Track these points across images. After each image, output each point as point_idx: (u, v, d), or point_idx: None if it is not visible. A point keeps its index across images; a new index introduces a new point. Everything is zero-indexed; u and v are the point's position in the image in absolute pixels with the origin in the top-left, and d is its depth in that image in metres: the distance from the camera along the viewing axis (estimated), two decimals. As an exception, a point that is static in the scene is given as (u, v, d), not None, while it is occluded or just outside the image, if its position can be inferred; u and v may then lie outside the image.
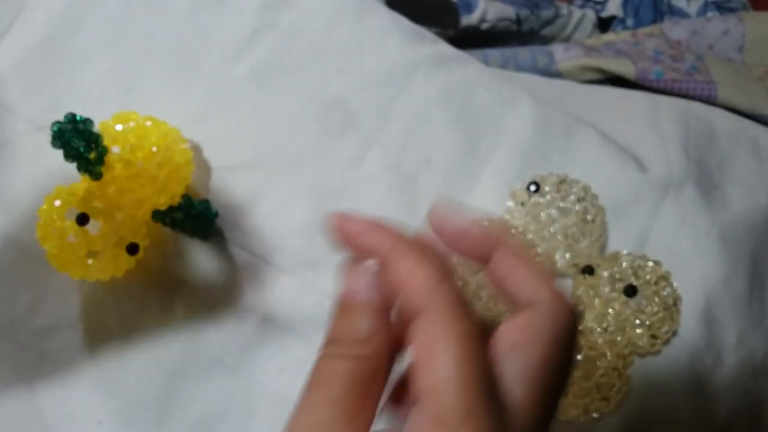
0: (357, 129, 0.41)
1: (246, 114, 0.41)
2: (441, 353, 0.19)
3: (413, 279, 0.21)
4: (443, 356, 0.19)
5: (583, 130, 0.42)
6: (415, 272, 0.21)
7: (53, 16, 0.42)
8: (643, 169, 0.41)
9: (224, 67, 0.42)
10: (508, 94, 0.43)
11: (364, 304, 0.22)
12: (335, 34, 0.43)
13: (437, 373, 0.19)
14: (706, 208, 0.40)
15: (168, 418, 0.34)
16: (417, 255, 0.22)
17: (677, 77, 0.49)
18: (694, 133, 0.44)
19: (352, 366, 0.21)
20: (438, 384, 0.19)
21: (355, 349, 0.21)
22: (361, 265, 0.23)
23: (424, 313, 0.20)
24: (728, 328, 0.37)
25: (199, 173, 0.39)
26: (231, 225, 0.38)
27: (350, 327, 0.22)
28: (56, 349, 0.35)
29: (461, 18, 0.56)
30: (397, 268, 0.22)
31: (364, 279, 0.22)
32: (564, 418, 0.35)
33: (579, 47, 0.54)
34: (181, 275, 0.37)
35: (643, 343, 0.36)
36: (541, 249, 0.37)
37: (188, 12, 0.43)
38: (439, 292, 0.21)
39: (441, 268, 0.22)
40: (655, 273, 0.37)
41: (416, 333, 0.20)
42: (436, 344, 0.19)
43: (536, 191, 0.38)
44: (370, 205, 0.40)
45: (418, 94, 0.42)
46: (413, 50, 0.44)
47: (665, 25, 0.57)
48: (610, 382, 0.35)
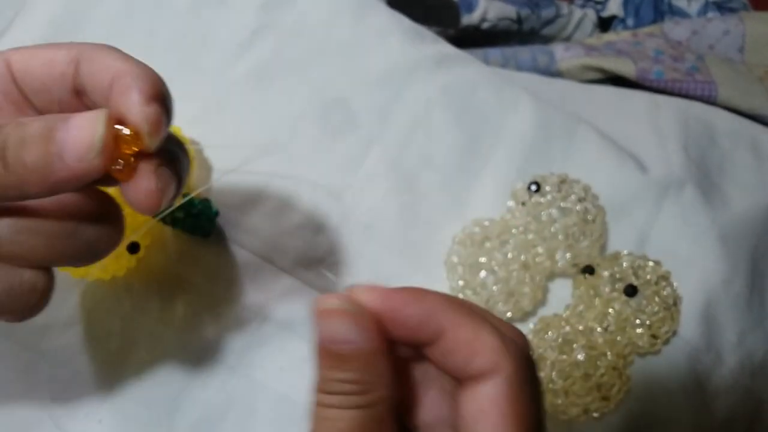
0: (357, 129, 0.41)
1: (247, 113, 0.41)
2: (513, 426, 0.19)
3: (478, 344, 0.20)
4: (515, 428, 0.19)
5: (584, 130, 0.42)
6: (481, 337, 0.20)
7: (53, 15, 0.42)
8: (643, 169, 0.41)
9: (225, 67, 0.42)
10: (508, 94, 0.43)
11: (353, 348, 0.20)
12: (335, 33, 0.43)
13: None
14: (706, 208, 0.40)
15: (168, 417, 0.34)
16: (474, 316, 0.21)
17: (678, 77, 0.49)
18: (694, 133, 0.44)
19: (361, 416, 0.20)
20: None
21: (360, 397, 0.20)
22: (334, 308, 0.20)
23: (492, 379, 0.20)
24: (728, 328, 0.37)
25: (200, 173, 0.39)
26: (231, 224, 0.38)
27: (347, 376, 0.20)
28: (56, 347, 0.35)
29: (462, 17, 0.56)
30: (459, 329, 0.20)
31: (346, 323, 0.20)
32: (564, 417, 0.35)
33: (579, 47, 0.54)
34: (182, 274, 0.37)
35: (644, 342, 0.36)
36: (542, 249, 0.37)
37: (189, 11, 0.43)
38: (508, 357, 0.20)
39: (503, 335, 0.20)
40: (656, 273, 0.37)
41: (478, 394, 0.20)
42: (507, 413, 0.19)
43: (537, 191, 0.38)
44: (370, 204, 0.40)
45: (419, 93, 0.42)
46: (414, 50, 0.44)
47: (666, 25, 0.57)
48: (611, 382, 0.35)
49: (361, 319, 0.20)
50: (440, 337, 0.20)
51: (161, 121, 0.20)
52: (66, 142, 0.19)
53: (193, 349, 0.36)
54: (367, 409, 0.20)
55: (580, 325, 0.36)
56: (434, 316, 0.20)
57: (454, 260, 0.38)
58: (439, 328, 0.20)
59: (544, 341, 0.36)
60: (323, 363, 0.20)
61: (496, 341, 0.20)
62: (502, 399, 0.19)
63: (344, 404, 0.20)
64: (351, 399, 0.20)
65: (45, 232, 0.21)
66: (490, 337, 0.20)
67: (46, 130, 0.19)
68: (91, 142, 0.19)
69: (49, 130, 0.19)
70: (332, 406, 0.20)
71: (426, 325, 0.20)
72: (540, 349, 0.36)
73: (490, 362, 0.20)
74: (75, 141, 0.19)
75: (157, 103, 0.21)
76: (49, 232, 0.21)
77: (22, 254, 0.21)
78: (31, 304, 0.23)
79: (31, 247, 0.21)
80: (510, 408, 0.19)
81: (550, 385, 0.35)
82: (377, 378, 0.20)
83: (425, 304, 0.20)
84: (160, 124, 0.20)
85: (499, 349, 0.20)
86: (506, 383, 0.20)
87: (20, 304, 0.22)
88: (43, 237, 0.21)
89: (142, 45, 0.42)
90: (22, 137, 0.19)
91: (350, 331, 0.20)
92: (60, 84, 0.22)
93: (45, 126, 0.20)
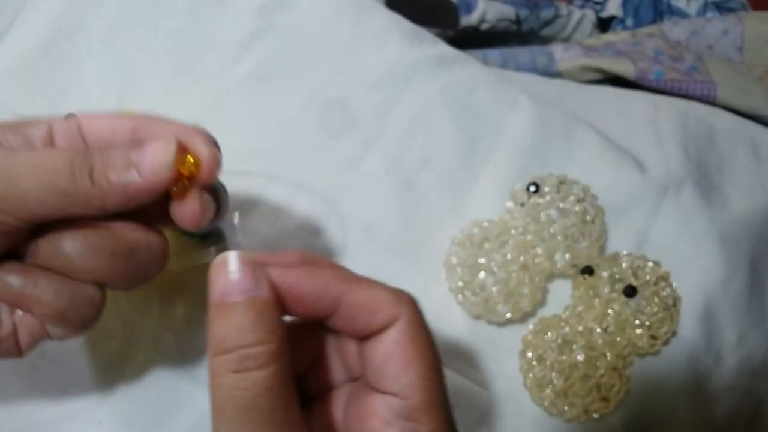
0: (357, 129, 0.41)
1: (246, 114, 0.41)
2: (416, 359, 0.22)
3: (375, 302, 0.22)
4: (418, 361, 0.22)
5: (583, 131, 0.42)
6: (375, 296, 0.23)
7: (53, 16, 0.42)
8: (642, 170, 0.41)
9: (224, 68, 0.42)
10: (507, 95, 0.43)
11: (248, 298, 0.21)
12: (335, 34, 0.43)
13: (412, 372, 0.22)
14: (706, 208, 0.40)
15: (168, 417, 0.34)
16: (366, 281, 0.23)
17: (677, 77, 0.49)
18: (693, 134, 0.44)
19: (262, 377, 0.20)
20: (411, 383, 0.22)
21: (258, 352, 0.20)
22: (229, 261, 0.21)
23: (393, 326, 0.22)
24: (727, 329, 0.38)
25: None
26: (231, 225, 0.38)
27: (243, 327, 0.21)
28: (56, 349, 0.35)
29: (461, 18, 0.56)
30: (355, 294, 0.22)
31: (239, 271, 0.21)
32: (564, 418, 0.35)
33: (579, 47, 0.54)
34: (181, 275, 0.37)
35: (643, 343, 0.36)
36: (541, 249, 0.37)
37: (188, 13, 0.43)
38: (403, 305, 0.23)
39: (394, 289, 0.23)
40: (655, 273, 0.37)
41: (387, 341, 0.22)
42: (409, 351, 0.22)
43: (536, 192, 0.38)
44: (370, 205, 0.40)
45: (418, 94, 0.43)
46: (413, 50, 0.44)
47: (665, 25, 0.57)
48: (610, 383, 0.35)
49: (252, 269, 0.21)
50: (338, 306, 0.22)
51: (220, 160, 0.25)
52: (143, 159, 0.23)
53: (192, 350, 0.36)
54: (266, 369, 0.20)
55: (579, 325, 0.36)
56: (329, 289, 0.22)
57: (453, 261, 0.38)
58: (335, 298, 0.22)
59: (543, 342, 0.36)
60: (215, 321, 0.21)
61: (390, 295, 0.23)
62: (404, 339, 0.22)
63: (240, 366, 0.20)
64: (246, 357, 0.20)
65: (109, 252, 0.25)
66: (384, 292, 0.23)
67: (126, 152, 0.24)
68: (165, 159, 0.23)
69: (128, 152, 0.24)
70: (228, 372, 0.20)
71: (323, 299, 0.22)
72: (539, 349, 0.36)
73: (390, 314, 0.22)
74: (151, 158, 0.23)
75: (216, 147, 0.26)
76: (112, 252, 0.25)
77: (89, 270, 0.25)
78: (88, 317, 0.25)
79: (96, 264, 0.25)
80: (412, 345, 0.22)
81: (550, 386, 0.35)
82: (272, 328, 0.21)
83: (319, 279, 0.22)
84: (219, 162, 0.25)
85: (394, 300, 0.23)
86: (406, 326, 0.22)
87: (80, 315, 0.25)
88: (108, 256, 0.25)
89: (141, 47, 0.42)
90: (105, 159, 0.23)
91: (242, 280, 0.21)
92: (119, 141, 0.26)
93: (125, 150, 0.24)
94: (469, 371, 0.37)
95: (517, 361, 0.36)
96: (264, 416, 0.20)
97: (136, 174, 0.23)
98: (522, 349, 0.36)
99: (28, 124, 0.26)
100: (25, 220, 0.23)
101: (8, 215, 0.23)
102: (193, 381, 0.35)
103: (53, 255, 0.24)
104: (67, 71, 0.41)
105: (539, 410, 0.36)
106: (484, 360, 0.37)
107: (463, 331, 0.37)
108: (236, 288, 0.21)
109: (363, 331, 0.23)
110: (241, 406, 0.20)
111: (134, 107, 0.38)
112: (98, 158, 0.24)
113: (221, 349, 0.21)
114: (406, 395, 0.22)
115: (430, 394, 0.22)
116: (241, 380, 0.20)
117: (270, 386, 0.20)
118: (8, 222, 0.23)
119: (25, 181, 0.23)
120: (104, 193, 0.23)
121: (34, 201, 0.23)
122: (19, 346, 0.26)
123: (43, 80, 0.40)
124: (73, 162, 0.23)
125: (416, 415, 0.22)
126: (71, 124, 0.26)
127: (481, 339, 0.37)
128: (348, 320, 0.23)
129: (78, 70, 0.41)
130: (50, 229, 0.25)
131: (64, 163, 0.23)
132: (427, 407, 0.22)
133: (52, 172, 0.23)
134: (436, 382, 0.22)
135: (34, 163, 0.23)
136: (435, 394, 0.22)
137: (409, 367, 0.22)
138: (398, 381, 0.22)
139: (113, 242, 0.25)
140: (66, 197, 0.23)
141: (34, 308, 0.25)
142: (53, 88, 0.40)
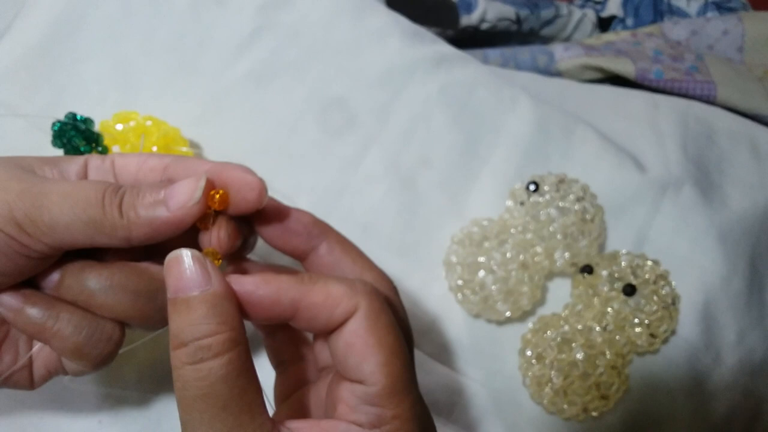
0: (357, 129, 0.41)
1: (246, 114, 0.41)
2: (376, 346, 0.23)
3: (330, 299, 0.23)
4: (378, 349, 0.23)
5: (582, 130, 0.42)
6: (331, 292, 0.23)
7: (53, 15, 0.42)
8: (641, 169, 0.41)
9: (224, 67, 0.42)
10: (507, 94, 0.43)
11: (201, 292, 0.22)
12: (335, 34, 0.44)
13: (375, 360, 0.23)
14: (705, 208, 0.40)
15: (168, 418, 0.34)
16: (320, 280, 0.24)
17: (677, 77, 0.49)
18: (693, 133, 0.44)
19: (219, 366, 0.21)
20: (374, 370, 0.23)
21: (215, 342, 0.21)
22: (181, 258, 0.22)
23: (353, 317, 0.23)
24: (727, 327, 0.37)
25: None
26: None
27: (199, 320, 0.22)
28: (56, 348, 0.35)
29: (461, 18, 0.56)
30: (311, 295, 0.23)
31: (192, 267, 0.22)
32: (563, 416, 0.35)
33: (579, 47, 0.54)
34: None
35: (642, 342, 0.36)
36: (541, 248, 0.37)
37: (188, 12, 0.43)
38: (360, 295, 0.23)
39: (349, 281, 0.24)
40: (654, 272, 0.37)
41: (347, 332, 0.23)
42: (369, 339, 0.23)
43: (535, 191, 0.39)
44: (369, 204, 0.40)
45: (418, 93, 0.43)
46: (413, 50, 0.44)
47: (665, 25, 0.57)
48: (609, 381, 0.35)
49: (201, 264, 0.22)
50: (297, 309, 0.23)
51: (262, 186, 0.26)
52: (172, 195, 0.24)
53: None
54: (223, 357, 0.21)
55: (578, 324, 0.36)
56: (284, 293, 0.23)
57: (453, 260, 0.38)
58: (291, 302, 0.23)
59: (543, 340, 0.36)
60: (172, 318, 0.22)
61: (344, 288, 0.23)
62: (362, 330, 0.23)
63: (198, 357, 0.21)
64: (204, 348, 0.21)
65: (132, 290, 0.25)
66: (339, 287, 0.23)
67: (156, 188, 0.24)
68: (193, 194, 0.24)
69: (159, 188, 0.24)
70: (187, 363, 0.21)
71: (279, 303, 0.23)
72: (539, 348, 0.36)
73: (347, 307, 0.23)
74: (180, 192, 0.24)
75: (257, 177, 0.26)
76: (135, 291, 0.25)
77: (110, 306, 0.25)
78: (105, 353, 0.26)
79: (119, 302, 0.25)
80: (371, 334, 0.23)
81: (549, 384, 0.35)
82: (227, 318, 0.22)
83: (273, 285, 0.23)
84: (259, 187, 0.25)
85: (350, 293, 0.23)
86: (362, 317, 0.23)
87: (98, 350, 0.25)
88: (131, 294, 0.25)
89: (140, 46, 0.42)
90: (136, 192, 0.24)
91: (192, 276, 0.22)
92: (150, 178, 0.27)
93: (156, 186, 0.25)
94: (469, 369, 0.37)
95: (516, 359, 0.36)
96: (220, 403, 0.21)
97: (164, 209, 0.24)
98: (521, 348, 0.36)
99: (65, 159, 0.27)
100: (51, 246, 0.24)
101: (36, 241, 0.23)
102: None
103: (77, 289, 0.25)
104: (67, 70, 0.41)
105: (538, 408, 0.36)
106: (483, 358, 0.37)
107: (462, 330, 0.37)
108: (188, 284, 0.22)
109: (325, 328, 0.24)
110: (198, 395, 0.21)
111: (134, 107, 0.39)
112: (129, 192, 0.24)
113: (178, 343, 0.22)
114: (370, 382, 0.23)
115: (393, 379, 0.23)
116: (197, 371, 0.21)
117: (225, 374, 0.21)
118: (35, 247, 0.23)
119: (56, 207, 0.23)
120: (131, 224, 0.24)
121: (63, 227, 0.23)
122: (32, 378, 0.27)
123: (43, 79, 0.40)
124: (105, 193, 0.24)
125: (380, 401, 0.23)
126: (106, 162, 0.27)
127: (480, 337, 0.37)
128: (309, 321, 0.24)
129: (78, 69, 0.41)
130: (75, 263, 0.25)
131: (96, 192, 0.24)
132: (391, 393, 0.23)
133: (84, 201, 0.23)
134: (399, 367, 0.23)
135: (66, 191, 0.23)
136: (398, 379, 0.23)
137: (370, 355, 0.23)
138: (361, 369, 0.23)
139: (137, 281, 0.25)
140: (94, 226, 0.23)
141: (54, 341, 0.25)
142: (53, 86, 0.40)
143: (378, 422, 0.23)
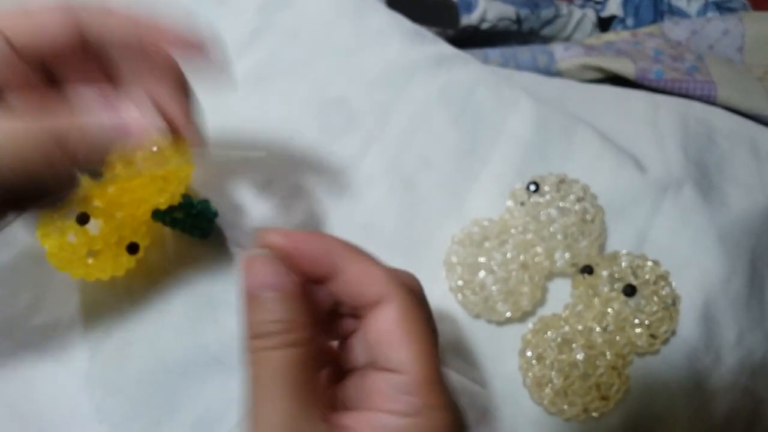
0: (357, 129, 0.41)
1: (246, 114, 0.41)
2: (414, 335, 0.24)
3: (369, 276, 0.24)
4: (417, 337, 0.24)
5: (583, 130, 0.42)
6: (370, 270, 0.25)
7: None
8: (642, 169, 0.41)
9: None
10: (507, 94, 0.43)
11: (275, 292, 0.24)
12: (335, 34, 0.44)
13: (410, 349, 0.23)
14: (705, 208, 0.40)
15: (168, 418, 0.34)
16: (365, 256, 0.25)
17: (677, 77, 0.49)
18: (693, 133, 0.44)
19: (292, 353, 0.23)
20: (410, 360, 0.23)
21: (287, 336, 0.23)
22: (255, 256, 0.24)
23: (385, 302, 0.24)
24: (727, 328, 0.37)
25: (200, 173, 0.39)
26: (231, 225, 0.38)
27: (273, 317, 0.24)
28: (56, 348, 0.35)
29: (461, 17, 0.56)
30: (353, 264, 0.25)
31: (267, 268, 0.24)
32: (564, 417, 0.35)
33: (579, 47, 0.54)
34: (181, 275, 0.37)
35: (642, 342, 0.36)
36: (541, 248, 0.37)
37: (187, 11, 0.43)
38: (396, 284, 0.24)
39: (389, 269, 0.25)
40: (654, 273, 0.37)
41: (378, 319, 0.24)
42: (408, 328, 0.24)
43: (536, 191, 0.39)
44: (369, 205, 0.40)
45: (418, 93, 0.43)
46: (413, 50, 0.44)
47: (665, 25, 0.57)
48: (610, 382, 0.35)
49: (278, 265, 0.24)
50: (337, 273, 0.25)
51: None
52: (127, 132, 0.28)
53: (192, 349, 0.36)
54: (294, 348, 0.23)
55: (579, 324, 0.36)
56: (330, 254, 0.25)
57: (453, 260, 0.38)
58: (334, 264, 0.25)
59: (543, 341, 0.36)
60: (250, 310, 0.24)
61: (383, 273, 0.25)
62: (400, 318, 0.24)
63: (274, 344, 0.23)
64: (278, 338, 0.23)
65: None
66: (378, 270, 0.25)
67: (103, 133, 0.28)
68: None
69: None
70: (264, 348, 0.23)
71: (324, 261, 0.25)
72: (539, 348, 0.36)
73: (380, 291, 0.24)
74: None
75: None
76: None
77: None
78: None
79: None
80: (409, 323, 0.24)
81: (550, 385, 0.35)
82: (297, 316, 0.24)
83: (322, 244, 0.25)
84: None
85: (386, 279, 0.24)
86: (401, 306, 0.24)
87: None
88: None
89: (141, 46, 0.42)
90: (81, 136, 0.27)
91: (270, 275, 0.24)
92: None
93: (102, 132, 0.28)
94: (469, 370, 0.37)
95: (516, 360, 0.36)
96: (293, 382, 0.23)
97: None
98: (521, 348, 0.36)
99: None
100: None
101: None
102: (192, 380, 0.35)
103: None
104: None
105: (539, 409, 0.36)
106: (483, 359, 0.37)
107: (462, 330, 0.37)
108: (265, 283, 0.24)
109: (356, 301, 0.25)
110: (273, 375, 0.23)
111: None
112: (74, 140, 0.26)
113: (255, 333, 0.24)
114: (408, 371, 0.23)
115: (429, 369, 0.23)
116: (273, 356, 0.23)
117: (294, 360, 0.23)
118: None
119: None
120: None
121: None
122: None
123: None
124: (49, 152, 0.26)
125: (417, 389, 0.23)
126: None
127: (480, 338, 0.37)
128: (344, 287, 0.25)
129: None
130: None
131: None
132: (429, 382, 0.23)
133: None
134: (436, 358, 0.24)
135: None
136: (435, 370, 0.23)
137: (407, 344, 0.23)
138: (398, 358, 0.23)
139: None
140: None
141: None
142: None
143: (414, 411, 0.23)
